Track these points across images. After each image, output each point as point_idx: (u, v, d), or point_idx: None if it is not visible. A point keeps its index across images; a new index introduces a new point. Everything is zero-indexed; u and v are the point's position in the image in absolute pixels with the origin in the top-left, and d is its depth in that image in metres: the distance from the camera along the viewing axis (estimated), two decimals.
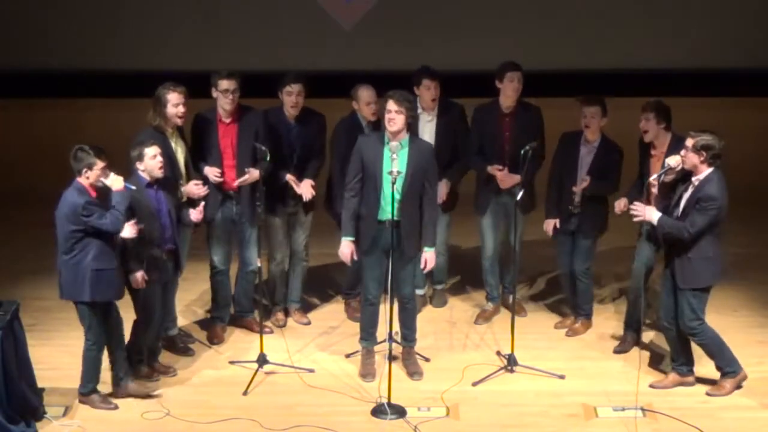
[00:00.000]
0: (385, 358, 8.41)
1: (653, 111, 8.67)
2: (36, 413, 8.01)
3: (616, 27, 12.78)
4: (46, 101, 12.84)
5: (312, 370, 8.75)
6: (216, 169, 8.97)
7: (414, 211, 8.41)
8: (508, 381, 8.65)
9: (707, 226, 8.01)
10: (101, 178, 7.85)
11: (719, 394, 8.35)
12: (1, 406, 7.70)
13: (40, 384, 8.21)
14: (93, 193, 7.88)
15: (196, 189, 8.76)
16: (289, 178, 9.16)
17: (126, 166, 8.22)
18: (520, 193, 8.79)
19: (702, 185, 8.04)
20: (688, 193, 8.12)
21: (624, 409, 8.18)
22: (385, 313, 8.39)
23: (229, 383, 8.58)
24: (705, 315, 8.25)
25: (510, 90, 9.21)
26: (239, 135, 8.99)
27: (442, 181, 9.21)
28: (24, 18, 12.79)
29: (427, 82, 9.30)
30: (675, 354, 8.51)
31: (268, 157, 8.60)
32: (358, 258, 8.50)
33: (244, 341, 9.28)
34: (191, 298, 9.98)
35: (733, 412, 8.19)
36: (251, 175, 8.91)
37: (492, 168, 9.29)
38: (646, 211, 8.17)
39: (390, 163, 8.20)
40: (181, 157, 8.79)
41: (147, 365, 8.60)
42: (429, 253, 8.49)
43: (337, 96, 9.74)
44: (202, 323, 9.59)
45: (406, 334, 8.75)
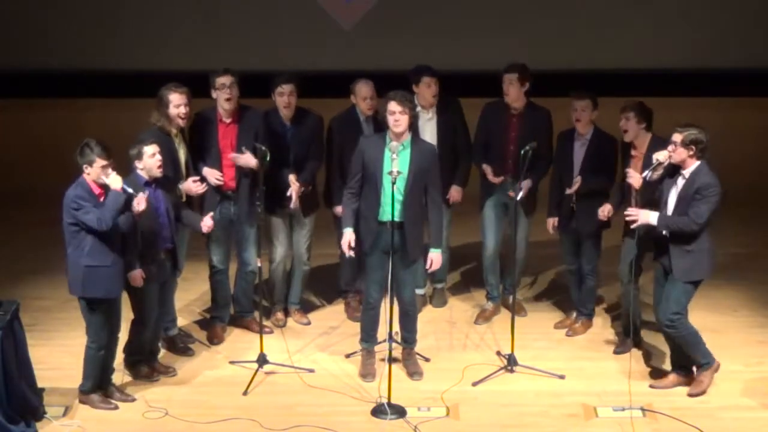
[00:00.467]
0: (385, 359, 8.41)
1: (633, 111, 8.64)
2: (36, 413, 8.01)
3: (616, 27, 12.77)
4: (46, 101, 12.84)
5: (312, 370, 8.75)
6: (216, 171, 8.96)
7: (418, 214, 8.41)
8: (508, 381, 8.64)
9: (711, 214, 8.01)
10: (101, 175, 7.85)
11: (700, 391, 8.31)
12: (1, 406, 7.69)
13: (40, 384, 8.20)
14: (97, 189, 7.88)
15: (194, 187, 8.74)
16: (291, 180, 9.14)
17: (126, 166, 8.21)
18: (521, 194, 8.79)
19: (694, 177, 8.03)
20: (679, 187, 8.11)
21: (624, 409, 8.17)
22: (386, 313, 8.39)
23: (229, 383, 8.58)
24: (687, 313, 8.21)
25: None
26: (239, 136, 8.97)
27: (453, 187, 9.31)
28: (24, 18, 12.79)
29: (428, 79, 9.29)
30: (675, 354, 8.50)
31: (269, 157, 8.61)
32: (356, 253, 8.50)
33: (243, 341, 9.28)
34: (191, 298, 9.98)
35: (733, 412, 8.18)
36: (246, 158, 8.87)
37: (485, 167, 9.30)
38: (641, 214, 8.16)
39: (390, 163, 8.20)
40: (182, 158, 8.79)
41: (147, 365, 8.60)
42: (435, 254, 8.50)
43: (337, 96, 9.73)
44: (202, 323, 9.59)
45: (406, 337, 8.74)
